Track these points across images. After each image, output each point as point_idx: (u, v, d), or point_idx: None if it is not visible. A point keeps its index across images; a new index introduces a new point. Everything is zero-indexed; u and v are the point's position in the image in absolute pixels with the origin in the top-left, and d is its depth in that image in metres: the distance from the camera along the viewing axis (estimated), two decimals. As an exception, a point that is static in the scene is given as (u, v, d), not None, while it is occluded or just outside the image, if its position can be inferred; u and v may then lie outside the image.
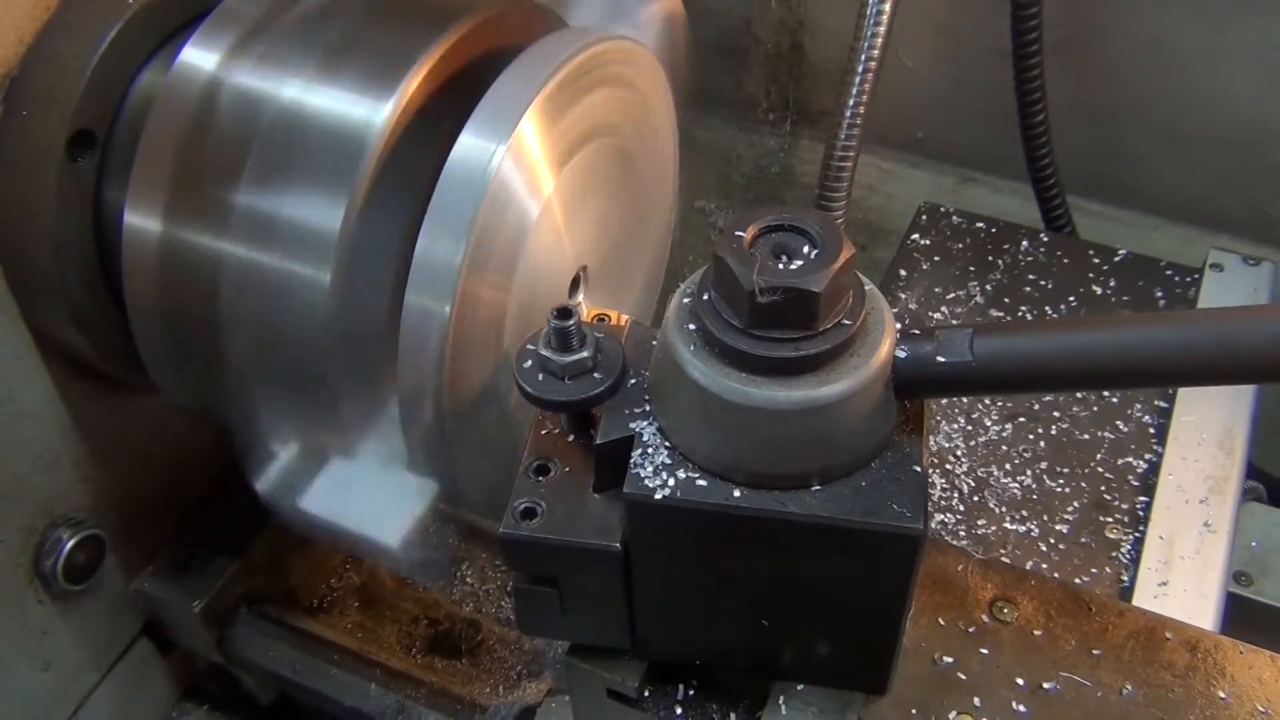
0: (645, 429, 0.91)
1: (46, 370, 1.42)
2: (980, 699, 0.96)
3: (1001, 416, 1.21)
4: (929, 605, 1.02)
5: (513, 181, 1.14)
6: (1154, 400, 1.23)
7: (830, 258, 0.83)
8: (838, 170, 1.54)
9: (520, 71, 1.16)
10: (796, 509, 0.85)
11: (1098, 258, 1.36)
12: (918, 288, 1.34)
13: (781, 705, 0.98)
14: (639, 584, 0.94)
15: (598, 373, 0.93)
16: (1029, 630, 1.00)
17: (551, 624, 0.99)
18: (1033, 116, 1.82)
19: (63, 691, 1.61)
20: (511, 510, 0.92)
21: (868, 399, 0.85)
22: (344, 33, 1.22)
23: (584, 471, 0.94)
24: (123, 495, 1.58)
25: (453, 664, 1.70)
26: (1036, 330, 0.90)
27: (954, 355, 0.86)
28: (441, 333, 1.10)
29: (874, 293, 0.89)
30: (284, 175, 1.17)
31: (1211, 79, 1.89)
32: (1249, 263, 1.33)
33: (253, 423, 1.32)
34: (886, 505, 0.85)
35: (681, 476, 0.87)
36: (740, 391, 0.84)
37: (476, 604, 1.77)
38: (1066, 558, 1.10)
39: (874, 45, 1.54)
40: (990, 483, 1.16)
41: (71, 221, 1.29)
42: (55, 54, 1.26)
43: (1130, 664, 0.98)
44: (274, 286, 1.17)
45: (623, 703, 1.02)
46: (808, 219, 0.86)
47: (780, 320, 0.83)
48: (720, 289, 0.85)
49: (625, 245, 1.45)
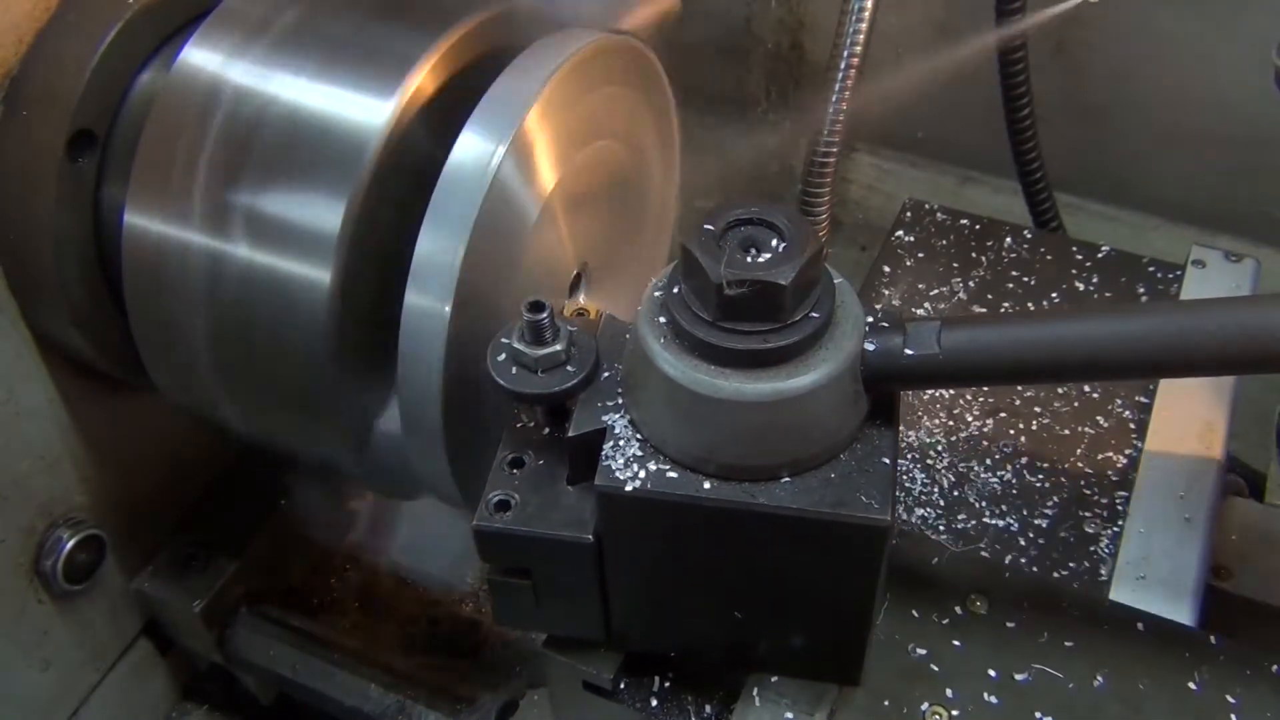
0: (617, 421, 0.92)
1: (46, 370, 1.43)
2: (953, 690, 0.97)
3: (983, 411, 1.21)
4: (903, 597, 1.03)
5: (513, 181, 1.14)
6: (1134, 395, 1.23)
7: (797, 251, 0.84)
8: (820, 167, 1.54)
9: (521, 71, 1.17)
10: (766, 500, 0.86)
11: (1081, 254, 1.36)
12: (901, 284, 1.34)
13: (755, 697, 0.98)
14: (612, 576, 0.95)
15: (571, 365, 0.94)
16: (1002, 622, 1.00)
17: (526, 616, 1.00)
18: (1018, 113, 1.82)
19: (63, 691, 1.61)
20: (485, 502, 0.93)
21: (836, 391, 0.86)
22: (344, 32, 1.22)
23: (558, 464, 0.95)
24: (123, 495, 1.59)
25: (452, 664, 1.71)
26: (1003, 323, 0.91)
27: (922, 348, 0.87)
28: (442, 333, 1.11)
29: (844, 285, 0.89)
30: (284, 175, 1.17)
31: (1210, 79, 1.89)
32: (1231, 259, 1.33)
33: (252, 423, 1.33)
34: (855, 497, 0.86)
35: (652, 468, 0.88)
36: (709, 384, 0.85)
37: (476, 604, 1.78)
38: (1045, 552, 1.10)
39: (856, 43, 1.55)
40: (970, 477, 1.16)
41: (71, 221, 1.29)
42: (55, 54, 1.26)
43: (1102, 656, 0.98)
44: (274, 287, 1.18)
45: (599, 694, 1.03)
46: (776, 213, 0.87)
47: (748, 313, 0.84)
48: (689, 282, 0.86)
49: (626, 244, 1.45)
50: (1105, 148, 2.05)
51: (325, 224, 1.15)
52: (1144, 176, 2.04)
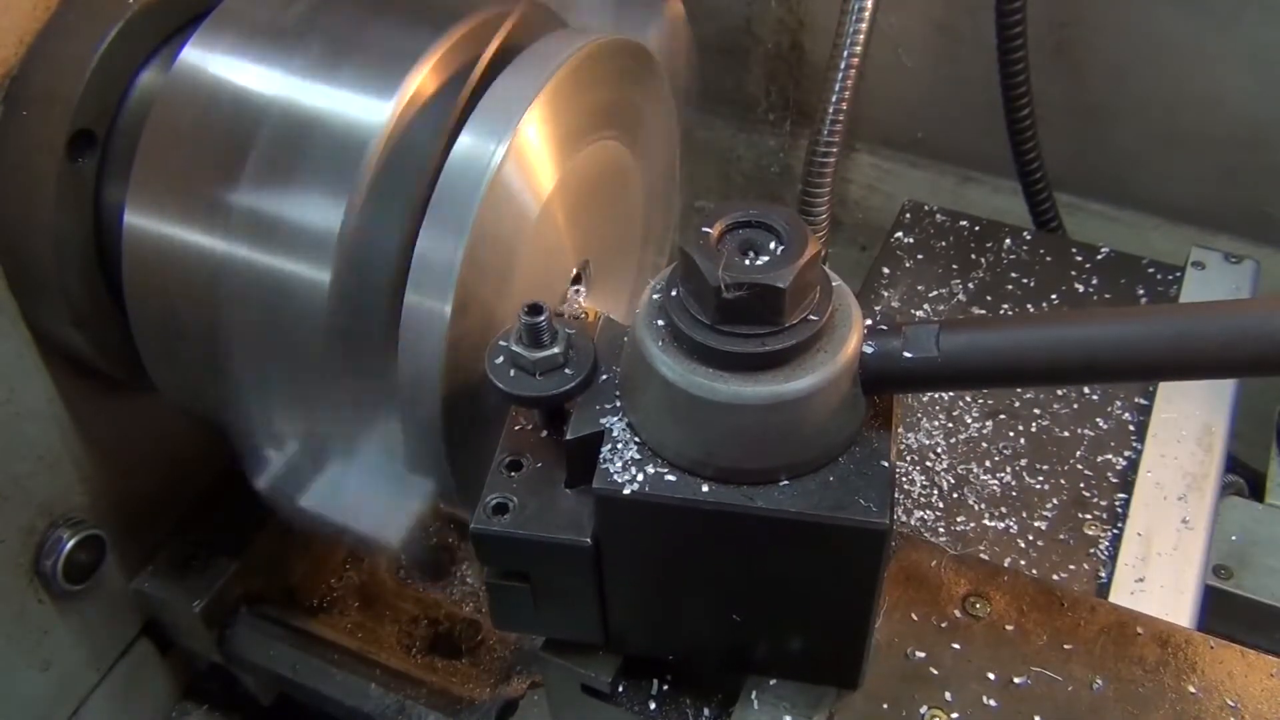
0: (615, 424, 0.92)
1: (46, 370, 1.43)
2: (951, 693, 0.97)
3: (982, 413, 1.21)
4: (902, 600, 1.03)
5: (513, 181, 1.14)
6: (1134, 397, 1.23)
7: (796, 254, 0.84)
8: (820, 167, 1.54)
9: (521, 71, 1.17)
10: (764, 504, 0.86)
11: (1080, 256, 1.36)
12: (901, 286, 1.34)
13: (754, 700, 0.98)
14: (611, 579, 0.95)
15: (569, 368, 0.94)
16: (1001, 625, 1.00)
17: (525, 619, 1.00)
18: (1018, 113, 1.82)
19: (63, 691, 1.61)
20: (483, 505, 0.93)
21: (834, 394, 0.86)
22: (344, 32, 1.22)
23: (556, 467, 0.95)
24: (123, 495, 1.59)
25: (452, 664, 1.70)
26: (1002, 326, 0.90)
27: (920, 351, 0.86)
28: (441, 332, 1.10)
29: (842, 288, 0.89)
30: (284, 175, 1.17)
31: (1211, 79, 1.89)
32: (1231, 260, 1.33)
33: (252, 423, 1.33)
34: (853, 500, 0.86)
35: (650, 472, 0.88)
36: (707, 387, 0.84)
37: (476, 604, 1.78)
38: (1045, 554, 1.10)
39: (856, 42, 1.54)
40: (970, 479, 1.16)
41: (71, 221, 1.29)
42: (55, 54, 1.26)
43: (1101, 659, 0.98)
44: (274, 286, 1.18)
45: (597, 697, 1.03)
46: (774, 215, 0.87)
47: (746, 316, 0.83)
48: (687, 284, 0.86)
49: (626, 244, 1.45)
50: (1105, 148, 2.04)
51: (325, 224, 1.14)
52: (1144, 176, 2.03)
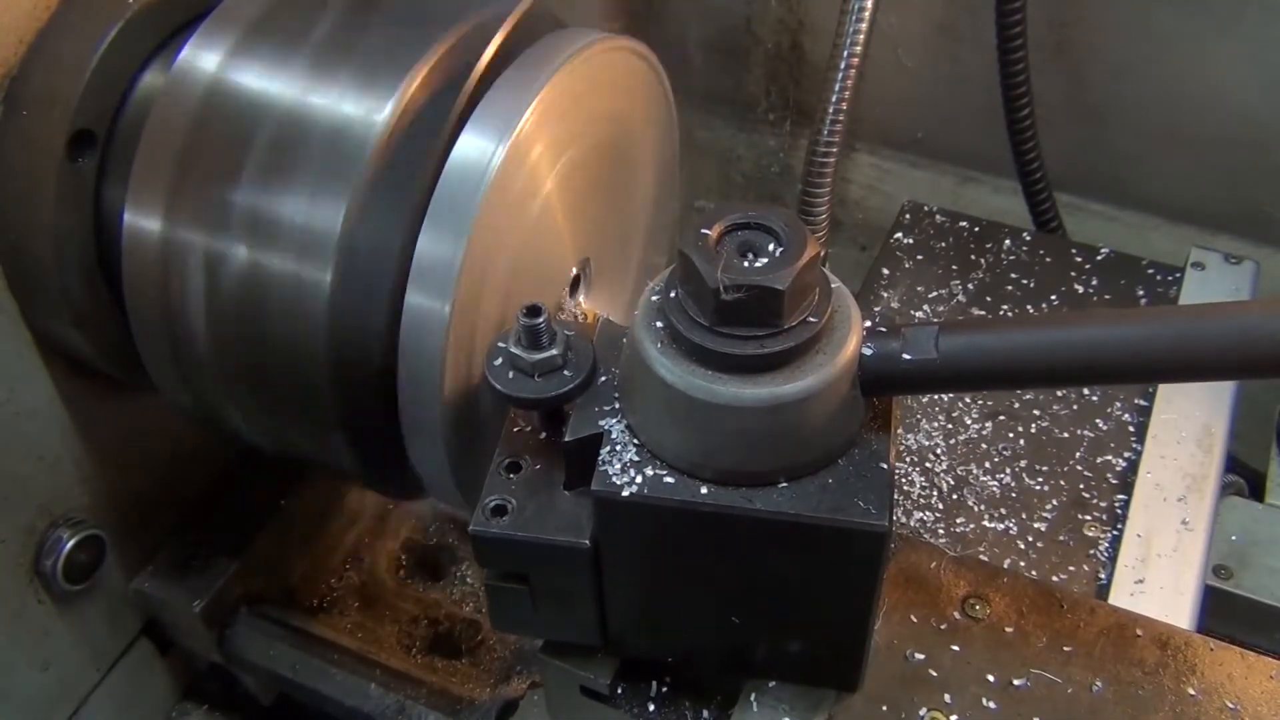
0: (614, 426, 0.92)
1: (46, 370, 1.42)
2: (951, 695, 0.97)
3: (982, 415, 1.21)
4: (901, 602, 1.03)
5: (513, 181, 1.14)
6: (1134, 399, 1.22)
7: (794, 255, 0.84)
8: (820, 167, 1.54)
9: (521, 71, 1.17)
10: (763, 506, 0.86)
11: (1080, 256, 1.36)
12: (900, 286, 1.34)
13: (753, 702, 0.98)
14: (609, 581, 0.95)
15: (568, 370, 0.94)
16: (1000, 627, 1.00)
17: (524, 621, 1.00)
18: (1018, 113, 1.82)
19: (63, 691, 1.61)
20: (482, 507, 0.93)
21: (833, 396, 0.86)
22: (344, 33, 1.21)
23: (555, 469, 0.95)
24: (123, 495, 1.58)
25: (452, 664, 1.70)
26: (1001, 328, 0.90)
27: (919, 353, 0.86)
28: (441, 333, 1.10)
29: (841, 290, 0.89)
30: (284, 175, 1.16)
31: (1211, 79, 1.89)
32: (1230, 261, 1.33)
33: (251, 423, 1.33)
34: (852, 502, 0.86)
35: (649, 474, 0.88)
36: (706, 389, 0.84)
37: (476, 604, 1.78)
38: (1044, 555, 1.10)
39: (856, 42, 1.54)
40: (970, 481, 1.16)
41: (71, 221, 1.29)
42: (55, 54, 1.26)
43: (1100, 661, 0.98)
44: (274, 287, 1.17)
45: (596, 699, 1.03)
46: (773, 217, 0.86)
47: (745, 318, 0.83)
48: (686, 286, 0.86)
49: (626, 244, 1.45)
50: (1105, 148, 2.04)
51: (325, 224, 1.14)
52: (1144, 176, 2.03)
